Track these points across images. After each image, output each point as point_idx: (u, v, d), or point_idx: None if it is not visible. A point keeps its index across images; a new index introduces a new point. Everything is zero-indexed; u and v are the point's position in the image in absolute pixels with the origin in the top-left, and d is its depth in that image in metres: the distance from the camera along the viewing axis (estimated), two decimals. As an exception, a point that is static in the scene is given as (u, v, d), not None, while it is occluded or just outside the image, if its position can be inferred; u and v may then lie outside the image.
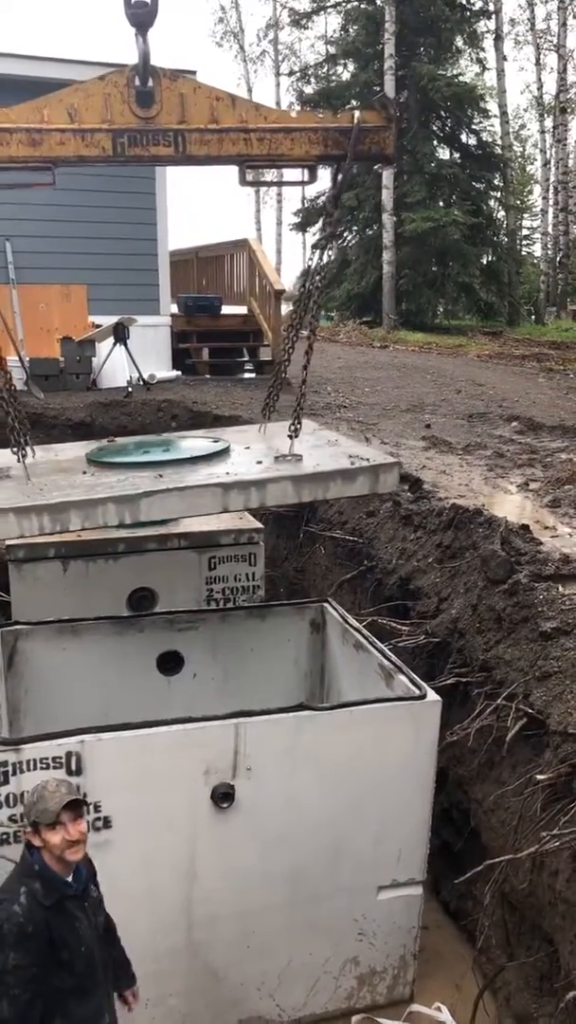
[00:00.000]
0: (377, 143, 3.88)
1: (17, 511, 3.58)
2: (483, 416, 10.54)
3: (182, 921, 3.82)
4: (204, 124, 3.73)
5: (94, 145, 3.66)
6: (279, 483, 3.97)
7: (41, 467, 4.23)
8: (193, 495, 3.81)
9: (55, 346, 11.23)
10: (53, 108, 3.62)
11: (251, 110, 3.79)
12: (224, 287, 15.23)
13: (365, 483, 4.16)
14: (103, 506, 3.68)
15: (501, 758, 4.21)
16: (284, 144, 3.80)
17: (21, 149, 3.61)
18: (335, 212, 4.10)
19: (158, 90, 3.67)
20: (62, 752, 3.46)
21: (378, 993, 4.23)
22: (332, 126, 3.81)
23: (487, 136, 28.00)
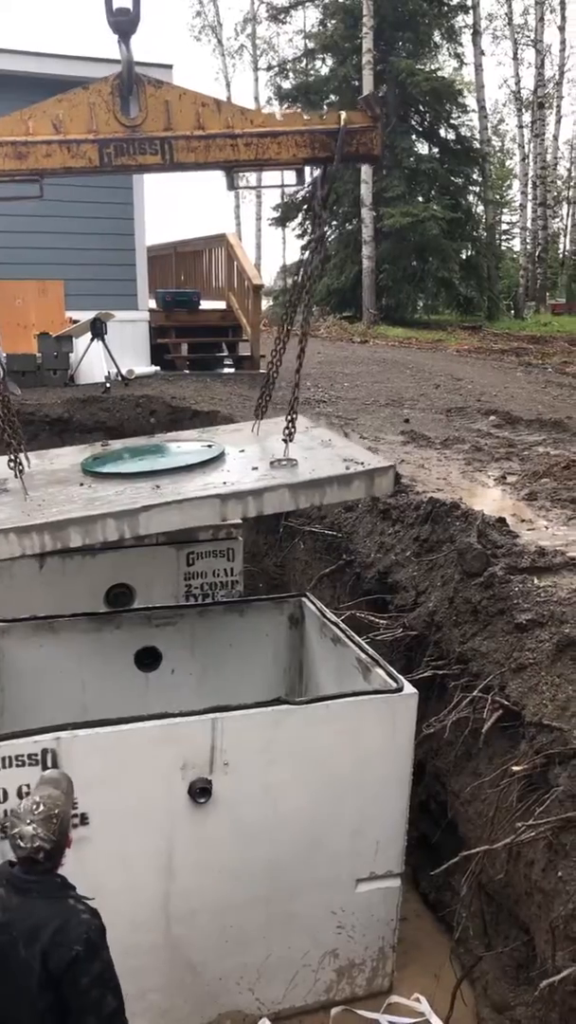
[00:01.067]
0: (364, 143, 3.86)
1: (18, 531, 3.56)
2: (461, 410, 10.57)
3: (161, 917, 3.82)
4: (190, 131, 3.69)
5: (80, 156, 3.61)
6: (276, 491, 3.96)
7: (37, 478, 4.18)
8: (191, 507, 3.80)
9: (32, 342, 11.16)
10: (38, 119, 3.57)
11: (237, 114, 3.76)
12: (203, 282, 15.19)
13: (361, 487, 4.15)
14: (102, 522, 3.67)
15: (478, 750, 4.23)
16: (271, 148, 3.77)
17: (7, 162, 3.56)
18: (323, 214, 4.04)
19: (143, 98, 3.64)
20: (38, 749, 3.45)
21: (357, 985, 4.25)
22: (319, 128, 3.79)
23: (466, 131, 28.06)
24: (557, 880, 3.49)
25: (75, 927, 2.60)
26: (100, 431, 9.77)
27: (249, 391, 11.43)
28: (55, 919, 2.60)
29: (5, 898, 2.65)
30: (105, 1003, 2.61)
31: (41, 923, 2.58)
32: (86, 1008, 2.59)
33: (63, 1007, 2.60)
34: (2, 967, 2.61)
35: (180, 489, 3.93)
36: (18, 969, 2.58)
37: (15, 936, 2.59)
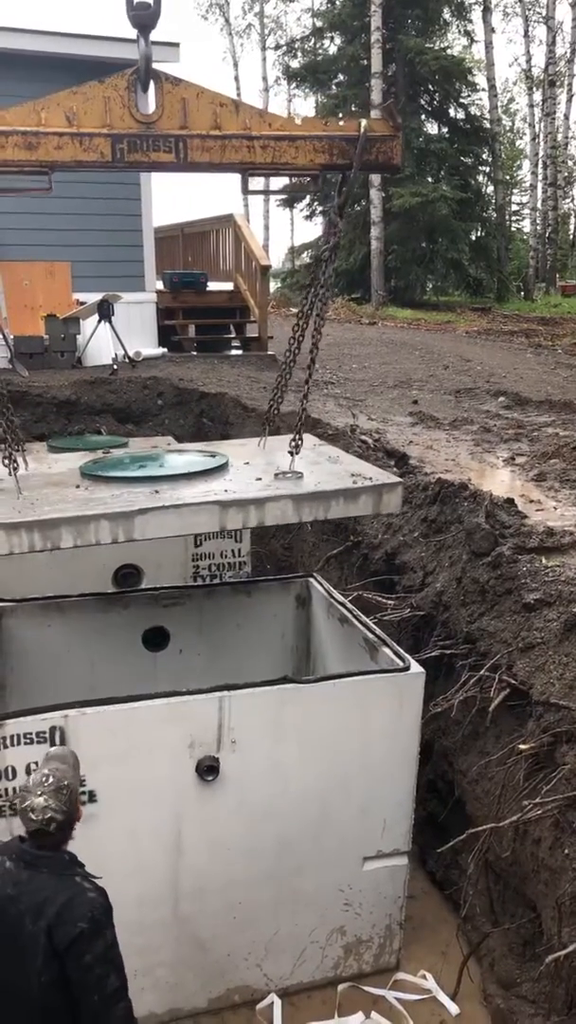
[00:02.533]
0: (384, 152, 3.75)
1: (6, 527, 3.50)
2: (470, 391, 10.54)
3: (169, 893, 3.85)
4: (206, 130, 3.61)
5: (92, 150, 3.55)
6: (279, 502, 3.88)
7: (33, 480, 4.12)
8: (190, 512, 3.73)
9: (39, 324, 11.14)
10: (51, 111, 3.51)
11: (255, 116, 3.68)
12: (210, 263, 15.14)
13: (368, 503, 4.05)
14: (96, 523, 3.58)
15: (485, 729, 4.24)
16: (288, 152, 3.68)
17: (17, 152, 3.50)
18: (340, 222, 3.90)
19: (159, 94, 3.56)
20: (46, 727, 3.46)
21: (364, 962, 4.28)
22: (338, 135, 3.69)
23: (475, 110, 27.83)
24: (564, 858, 3.51)
25: (81, 904, 2.61)
26: (107, 413, 9.77)
27: (256, 372, 11.41)
28: (61, 895, 2.61)
29: (14, 872, 2.66)
30: (108, 982, 2.62)
31: (48, 898, 2.60)
32: (88, 985, 2.60)
33: (66, 983, 2.61)
34: (9, 941, 2.62)
35: (179, 495, 3.86)
36: (25, 943, 2.60)
37: (22, 910, 2.60)
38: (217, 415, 9.67)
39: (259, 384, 10.45)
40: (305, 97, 35.44)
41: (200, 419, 9.88)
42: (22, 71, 10.96)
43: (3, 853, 2.74)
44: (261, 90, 36.77)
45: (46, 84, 10.77)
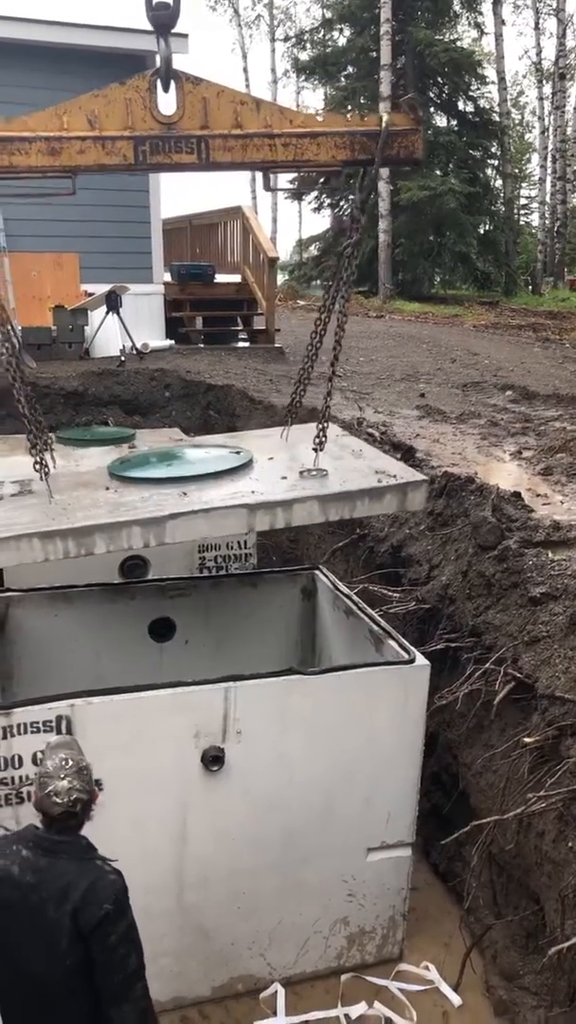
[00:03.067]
0: (405, 146, 3.74)
1: (41, 536, 3.52)
2: (478, 385, 10.52)
3: (174, 882, 3.86)
4: (228, 129, 3.60)
5: (115, 153, 3.53)
6: (305, 503, 3.87)
7: (62, 480, 4.12)
8: (219, 516, 3.74)
9: (47, 315, 11.15)
10: (73, 115, 3.50)
11: (276, 114, 3.66)
12: (218, 255, 15.13)
13: (393, 502, 4.06)
14: (128, 529, 3.61)
15: (489, 722, 4.25)
16: (310, 149, 3.66)
17: (41, 159, 3.49)
18: (361, 218, 3.89)
19: (180, 94, 3.55)
20: (52, 716, 3.48)
21: (367, 952, 4.30)
22: (359, 130, 3.66)
23: (485, 103, 27.78)
24: (567, 851, 3.52)
25: (104, 887, 2.67)
26: (115, 404, 9.78)
27: (263, 365, 11.41)
28: (84, 879, 2.66)
29: (32, 860, 2.69)
30: (129, 961, 2.69)
31: (71, 883, 2.65)
32: (112, 965, 2.67)
33: (89, 965, 2.67)
34: (32, 926, 2.66)
35: (207, 497, 3.85)
36: (48, 928, 2.65)
37: (44, 897, 2.65)
38: (224, 407, 9.68)
39: (266, 376, 10.45)
40: (314, 89, 35.42)
41: (207, 411, 9.89)
42: (27, 61, 10.98)
43: (18, 842, 2.76)
44: (270, 82, 36.77)
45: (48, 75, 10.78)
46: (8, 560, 3.56)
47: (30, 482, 4.08)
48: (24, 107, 10.35)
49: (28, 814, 3.00)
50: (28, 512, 3.75)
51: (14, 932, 2.69)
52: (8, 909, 2.68)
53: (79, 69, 11.13)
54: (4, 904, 2.68)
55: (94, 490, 4.00)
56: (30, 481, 4.08)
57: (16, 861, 2.70)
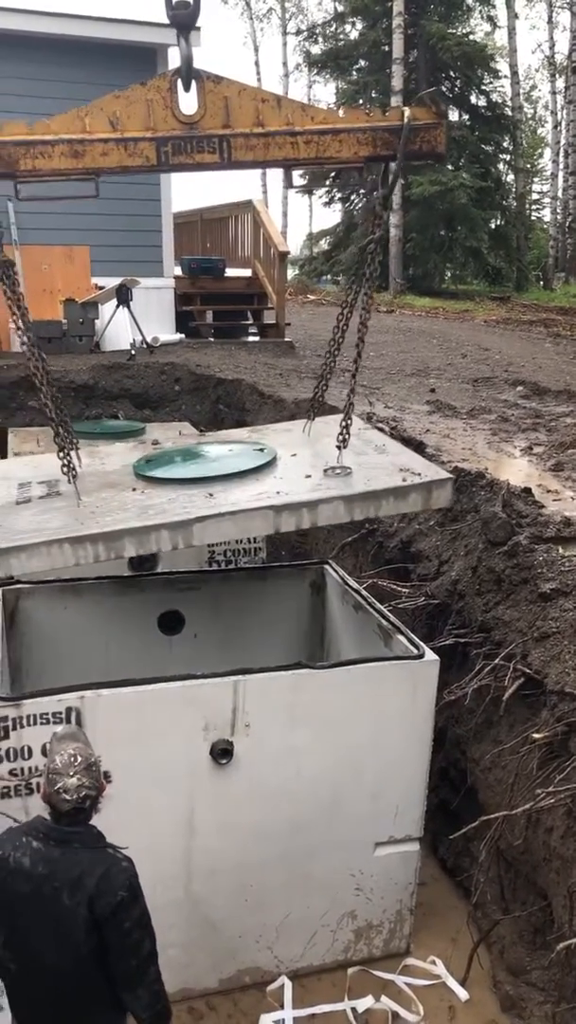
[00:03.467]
0: (428, 141, 3.69)
1: (72, 541, 3.53)
2: (488, 381, 10.49)
3: (182, 874, 3.88)
4: (249, 128, 3.57)
5: (137, 155, 3.51)
6: (331, 503, 3.86)
7: (89, 480, 4.12)
8: (245, 518, 3.74)
9: (58, 308, 11.17)
10: (94, 117, 3.48)
11: (297, 111, 3.63)
12: (228, 249, 15.11)
13: (418, 500, 4.04)
14: (156, 533, 3.62)
15: (498, 717, 4.24)
16: (332, 146, 3.63)
17: (64, 161, 3.48)
18: (384, 214, 3.87)
19: (201, 94, 3.53)
20: (62, 708, 3.49)
21: (375, 946, 4.30)
22: (381, 125, 3.63)
23: (497, 97, 27.62)
24: (575, 847, 3.51)
25: (118, 874, 2.71)
26: (125, 398, 9.80)
27: (273, 359, 11.40)
28: (98, 867, 2.70)
29: (44, 851, 2.71)
30: (144, 945, 2.75)
31: (85, 872, 2.68)
32: (126, 950, 2.72)
33: (104, 952, 2.71)
34: (46, 916, 2.69)
35: (233, 498, 3.86)
36: (62, 917, 2.67)
37: (58, 886, 2.67)
38: (234, 401, 9.68)
39: (276, 370, 10.44)
40: (325, 83, 35.33)
41: (217, 405, 9.89)
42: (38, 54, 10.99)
43: (28, 833, 2.77)
44: (281, 76, 36.65)
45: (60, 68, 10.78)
46: (40, 565, 3.57)
47: (57, 483, 4.09)
48: (37, 100, 10.49)
49: (38, 805, 3.01)
50: (58, 516, 3.77)
51: (27, 923, 2.71)
52: (21, 900, 2.69)
53: (91, 62, 11.15)
54: (16, 896, 2.69)
55: (121, 491, 4.01)
56: (57, 482, 4.09)
57: (27, 852, 2.71)
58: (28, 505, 3.95)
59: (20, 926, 2.73)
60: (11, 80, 10.83)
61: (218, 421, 9.77)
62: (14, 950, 2.78)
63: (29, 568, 3.59)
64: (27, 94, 10.65)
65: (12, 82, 10.81)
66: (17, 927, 2.74)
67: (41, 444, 7.53)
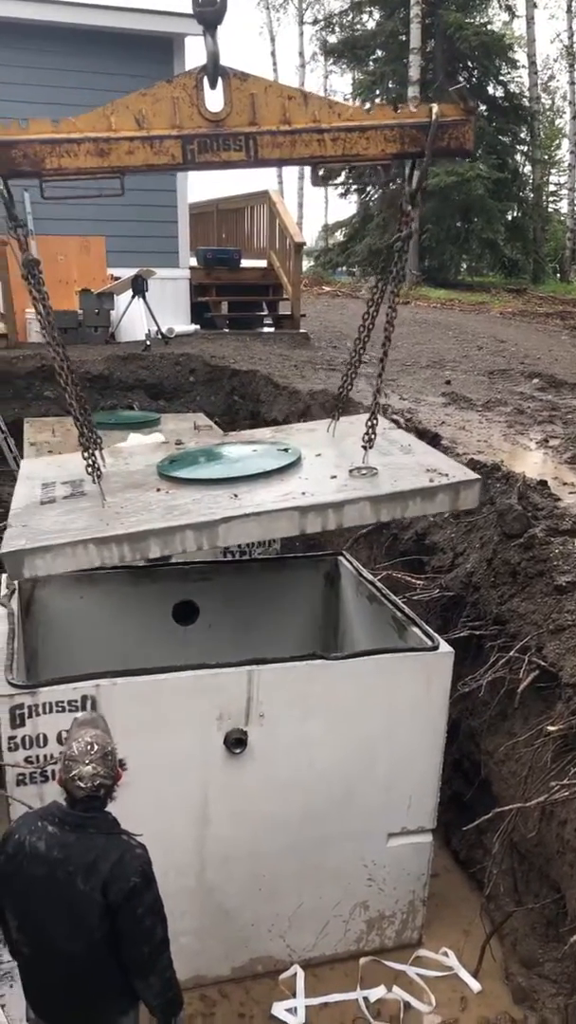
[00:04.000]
0: (456, 138, 3.66)
1: (97, 542, 3.54)
2: (504, 373, 10.44)
3: (195, 862, 3.90)
4: (276, 125, 3.55)
5: (163, 153, 3.49)
6: (357, 504, 3.84)
7: (113, 480, 4.13)
8: (270, 519, 3.74)
9: (73, 299, 11.16)
10: (120, 115, 3.46)
11: (324, 108, 3.60)
12: (244, 240, 15.08)
13: (445, 501, 4.01)
14: (182, 533, 3.62)
15: (513, 710, 4.23)
16: (359, 143, 3.61)
17: (89, 160, 3.47)
18: (412, 212, 3.81)
19: (228, 91, 3.51)
20: (77, 696, 3.51)
21: (387, 937, 4.31)
22: (409, 122, 3.60)
23: (515, 87, 27.36)
24: (590, 840, 3.50)
25: (132, 860, 2.74)
26: (140, 388, 9.80)
27: (288, 350, 11.38)
28: (113, 853, 2.73)
29: (59, 836, 2.74)
30: (156, 931, 2.78)
31: (100, 857, 2.71)
32: (139, 936, 2.75)
33: (117, 938, 2.74)
34: (60, 901, 2.71)
35: (258, 499, 3.84)
36: (76, 902, 2.70)
37: (72, 871, 2.70)
38: (248, 392, 9.67)
39: (290, 362, 10.42)
40: (342, 73, 35.16)
41: (231, 396, 9.89)
42: (55, 44, 10.98)
43: (43, 818, 2.80)
44: (298, 66, 36.50)
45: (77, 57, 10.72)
46: (65, 566, 3.58)
47: (81, 482, 4.10)
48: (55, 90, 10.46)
49: (53, 792, 3.04)
50: (82, 516, 3.78)
51: (41, 907, 2.74)
52: (35, 884, 2.72)
53: (108, 52, 11.14)
54: (31, 880, 2.72)
55: (145, 491, 4.01)
56: (81, 482, 4.10)
57: (43, 837, 2.74)
58: (53, 505, 3.97)
59: (34, 910, 2.76)
60: (28, 70, 10.83)
61: (232, 412, 9.76)
62: (28, 934, 2.81)
63: (55, 569, 3.60)
64: (45, 84, 10.66)
65: (29, 72, 10.81)
66: (31, 911, 2.77)
67: (57, 434, 7.55)
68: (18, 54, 10.90)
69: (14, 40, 10.85)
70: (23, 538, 3.61)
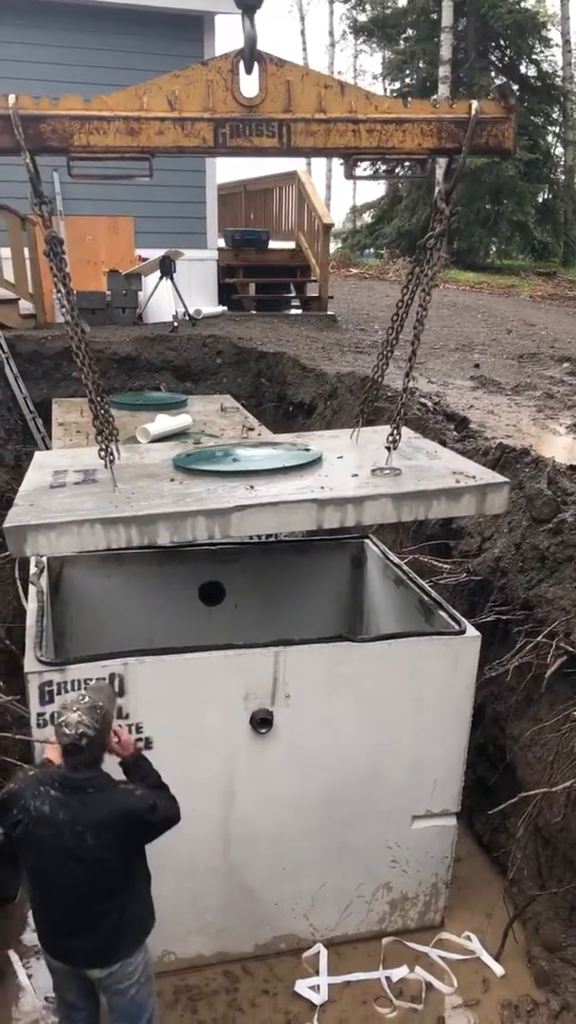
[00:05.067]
0: (495, 136, 3.59)
1: (104, 522, 3.48)
2: (534, 357, 10.35)
3: (220, 841, 3.92)
4: (311, 114, 3.50)
5: (194, 135, 3.46)
6: (377, 501, 3.76)
7: (127, 471, 4.09)
8: (286, 510, 3.67)
9: (101, 279, 11.19)
10: (153, 95, 3.42)
11: (361, 99, 3.54)
12: (272, 221, 15.01)
13: (471, 503, 3.90)
14: (193, 519, 3.56)
15: (539, 695, 4.22)
16: (395, 136, 3.55)
17: (119, 138, 3.43)
18: (447, 209, 3.74)
19: (263, 77, 3.46)
20: (106, 673, 3.53)
21: (409, 918, 4.33)
22: (447, 117, 3.54)
23: (547, 67, 26.95)
24: (616, 826, 3.49)
25: (138, 800, 2.96)
26: (167, 370, 9.82)
27: (316, 332, 11.34)
28: (119, 804, 2.92)
29: (62, 799, 2.88)
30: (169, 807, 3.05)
31: (106, 811, 2.88)
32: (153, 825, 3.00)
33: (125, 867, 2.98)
34: (73, 857, 2.86)
35: (275, 491, 3.78)
36: (89, 855, 2.86)
37: (81, 830, 2.85)
38: (275, 374, 9.66)
39: (318, 344, 10.39)
40: (372, 53, 34.76)
41: (258, 378, 9.88)
42: (82, 22, 10.94)
43: (44, 783, 2.94)
44: (328, 45, 36.13)
45: (105, 36, 10.68)
46: (69, 545, 3.54)
47: (94, 471, 4.09)
48: (86, 70, 10.43)
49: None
50: (91, 499, 3.75)
51: (51, 865, 2.91)
52: (44, 845, 2.88)
53: (137, 29, 11.10)
54: (38, 840, 2.88)
55: (159, 481, 3.98)
56: (94, 471, 4.10)
57: (46, 801, 2.89)
58: (63, 489, 3.93)
59: (45, 868, 2.94)
60: (57, 49, 10.82)
61: (259, 394, 9.75)
62: (42, 890, 3.00)
63: (58, 548, 3.55)
64: (74, 63, 10.64)
65: (58, 51, 10.80)
66: (42, 869, 2.95)
67: (85, 414, 7.58)
68: (48, 33, 10.89)
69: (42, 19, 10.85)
70: (28, 515, 3.56)
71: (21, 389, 8.88)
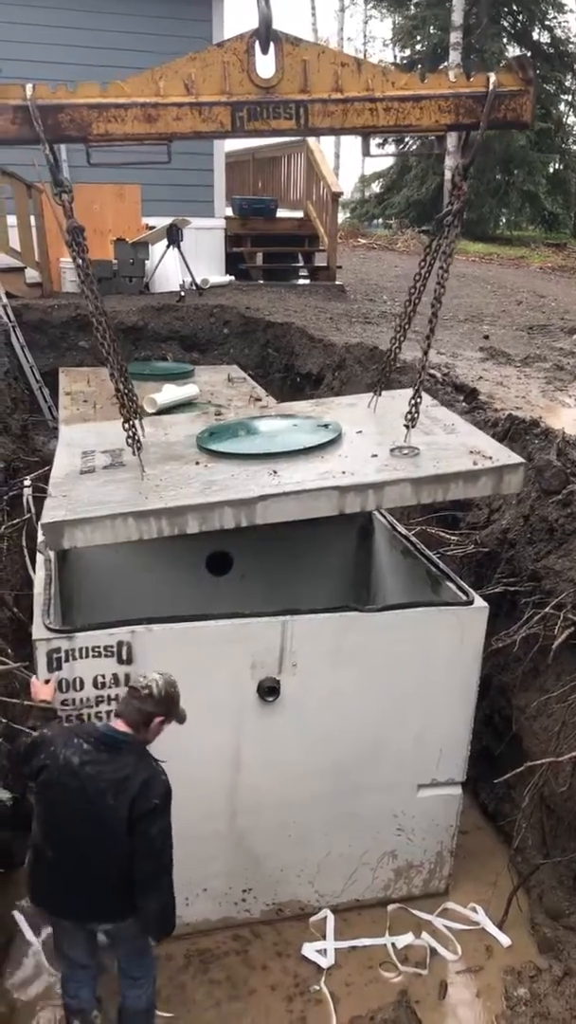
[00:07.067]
0: (513, 109, 3.53)
1: (136, 515, 3.56)
2: (544, 328, 10.27)
3: (226, 808, 3.95)
4: (327, 93, 3.45)
5: (212, 120, 3.41)
6: (397, 486, 3.81)
7: (152, 451, 4.14)
8: (310, 498, 3.73)
9: (108, 248, 11.09)
10: (169, 80, 3.37)
11: (378, 76, 3.48)
12: (280, 189, 14.86)
13: (488, 485, 3.95)
14: (220, 510, 3.64)
15: (546, 666, 4.22)
16: (413, 113, 3.48)
17: (136, 126, 3.40)
18: (464, 184, 3.69)
19: (279, 57, 3.40)
20: (113, 641, 3.54)
21: (414, 886, 4.36)
22: (465, 92, 3.47)
23: (560, 33, 26.48)
24: (622, 796, 3.50)
25: (158, 784, 2.99)
26: (174, 340, 9.76)
27: (324, 303, 11.25)
28: (143, 773, 2.97)
29: (94, 753, 2.97)
30: (165, 854, 3.02)
31: (130, 775, 2.95)
32: (149, 852, 2.98)
33: (133, 852, 2.98)
34: (91, 813, 2.94)
35: (297, 476, 3.84)
36: (106, 815, 2.92)
37: (104, 787, 2.92)
38: (283, 345, 9.59)
39: (326, 314, 10.31)
40: (382, 18, 34.17)
41: (265, 349, 9.81)
42: None
43: (79, 735, 3.04)
44: (337, 11, 35.58)
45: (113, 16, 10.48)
46: (104, 538, 3.61)
47: (121, 452, 4.11)
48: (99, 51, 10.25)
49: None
50: (121, 489, 3.80)
51: (70, 817, 2.98)
52: (67, 796, 2.96)
53: (146, 7, 10.95)
54: (63, 790, 2.95)
55: (184, 464, 4.03)
56: (121, 451, 4.11)
57: (77, 752, 2.97)
58: (92, 475, 4.01)
59: (64, 819, 3.00)
60: (67, 31, 10.69)
61: (267, 365, 9.70)
62: (53, 841, 3.04)
63: (93, 540, 3.63)
64: (84, 45, 10.51)
65: (69, 32, 10.67)
66: (61, 820, 3.00)
67: (92, 383, 7.55)
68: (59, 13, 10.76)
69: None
70: (63, 508, 3.64)
71: (28, 358, 8.83)
